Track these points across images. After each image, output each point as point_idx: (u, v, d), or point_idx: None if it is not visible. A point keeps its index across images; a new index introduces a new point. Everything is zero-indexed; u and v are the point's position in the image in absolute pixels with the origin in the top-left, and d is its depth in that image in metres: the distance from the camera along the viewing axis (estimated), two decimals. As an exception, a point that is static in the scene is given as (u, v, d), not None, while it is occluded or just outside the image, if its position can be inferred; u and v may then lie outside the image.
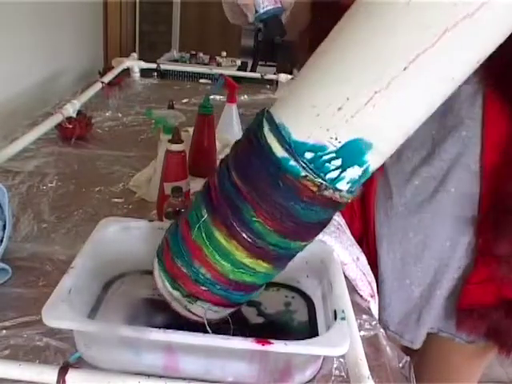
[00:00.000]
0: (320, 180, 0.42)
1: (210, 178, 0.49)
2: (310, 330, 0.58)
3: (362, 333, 0.61)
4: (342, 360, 0.55)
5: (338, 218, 0.75)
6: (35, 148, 1.10)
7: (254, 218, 0.44)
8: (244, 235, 0.45)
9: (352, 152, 0.41)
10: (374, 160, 0.42)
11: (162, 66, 2.03)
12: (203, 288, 0.49)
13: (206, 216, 0.47)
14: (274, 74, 2.02)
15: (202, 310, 0.50)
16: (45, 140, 1.15)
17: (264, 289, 0.65)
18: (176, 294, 0.50)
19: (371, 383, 0.48)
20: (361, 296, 0.70)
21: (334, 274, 0.59)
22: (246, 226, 0.45)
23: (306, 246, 0.49)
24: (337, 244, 0.66)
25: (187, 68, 2.16)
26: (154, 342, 0.48)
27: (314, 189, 0.42)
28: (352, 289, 0.68)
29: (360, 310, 0.66)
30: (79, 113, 1.26)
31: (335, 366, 0.55)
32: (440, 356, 0.80)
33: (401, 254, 0.75)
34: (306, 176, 0.42)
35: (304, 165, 0.42)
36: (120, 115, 1.42)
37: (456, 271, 0.72)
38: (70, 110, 1.23)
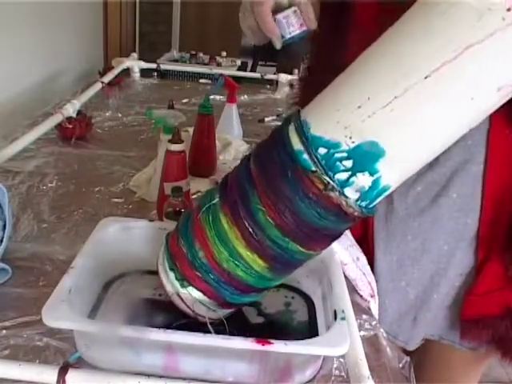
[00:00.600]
0: (328, 178, 0.42)
1: (232, 170, 0.51)
2: (309, 330, 0.58)
3: (362, 333, 0.61)
4: (341, 360, 0.55)
5: None
6: (35, 148, 1.10)
7: (259, 206, 0.45)
8: (246, 223, 0.46)
9: (364, 155, 0.41)
10: (385, 171, 0.42)
11: (162, 66, 2.03)
12: (197, 273, 0.49)
13: (217, 199, 0.48)
14: (274, 73, 2.02)
15: (192, 300, 0.50)
16: (45, 140, 1.15)
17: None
18: (171, 275, 0.51)
19: (371, 383, 0.48)
20: (361, 296, 0.70)
21: (334, 273, 0.59)
22: (249, 214, 0.46)
23: (305, 255, 0.48)
24: (336, 244, 0.66)
25: (187, 68, 2.16)
26: (154, 342, 0.48)
27: (321, 186, 0.43)
28: (352, 289, 0.68)
29: (360, 309, 0.66)
30: (79, 113, 1.26)
31: (335, 365, 0.55)
32: (440, 359, 0.80)
33: (398, 256, 0.75)
34: (316, 171, 0.42)
35: (316, 160, 0.42)
36: (120, 115, 1.42)
37: (457, 279, 0.72)
38: (70, 110, 1.23)
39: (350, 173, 0.42)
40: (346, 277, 0.65)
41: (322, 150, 0.42)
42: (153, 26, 3.39)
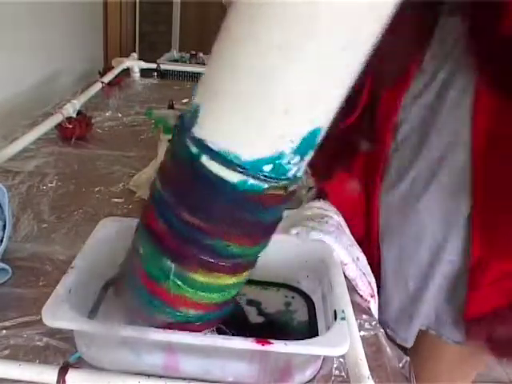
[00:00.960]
0: (284, 182, 0.41)
1: (148, 221, 0.46)
2: (310, 330, 0.58)
3: (362, 333, 0.61)
4: (341, 360, 0.55)
5: (338, 218, 0.75)
6: (35, 148, 1.10)
7: (228, 245, 0.43)
8: (223, 264, 0.44)
9: (308, 143, 0.40)
10: (322, 136, 0.41)
11: (162, 66, 2.03)
12: (197, 324, 0.48)
13: (173, 267, 0.44)
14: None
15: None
16: (45, 140, 1.15)
17: (264, 289, 0.65)
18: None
19: (371, 383, 0.48)
20: (361, 296, 0.70)
21: (334, 274, 0.59)
22: (222, 256, 0.43)
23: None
24: (336, 244, 0.66)
25: (187, 68, 2.16)
26: (154, 342, 0.48)
27: (281, 192, 0.41)
28: (352, 289, 0.69)
29: (360, 309, 0.66)
30: (79, 113, 1.26)
31: (335, 365, 0.55)
32: (431, 355, 0.80)
33: (399, 251, 0.75)
34: (270, 187, 0.40)
35: (265, 178, 0.39)
36: (120, 115, 1.42)
37: (450, 268, 0.71)
38: (70, 109, 1.23)
39: (299, 163, 0.41)
40: (345, 277, 0.65)
41: (267, 167, 0.39)
42: (153, 26, 3.38)
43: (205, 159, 0.40)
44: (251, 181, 0.39)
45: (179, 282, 0.45)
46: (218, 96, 0.39)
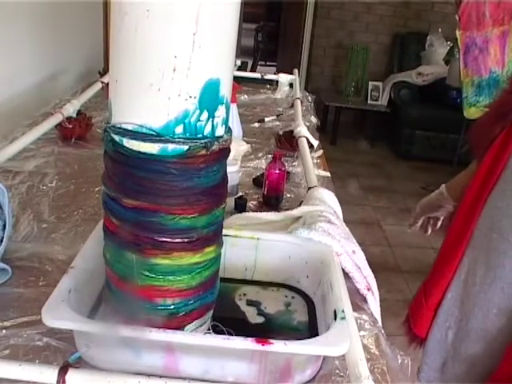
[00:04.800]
0: (202, 141, 0.43)
1: (106, 225, 0.50)
2: (310, 330, 0.58)
3: (362, 333, 0.61)
4: (341, 360, 0.55)
5: (331, 211, 0.75)
6: (35, 148, 1.10)
7: (174, 218, 0.45)
8: (178, 241, 0.46)
9: (209, 96, 0.42)
10: (227, 91, 0.44)
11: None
12: (183, 315, 0.49)
13: (134, 257, 0.46)
14: (274, 73, 2.02)
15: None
16: (45, 140, 1.15)
17: (264, 289, 0.65)
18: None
19: (371, 383, 0.48)
20: (358, 289, 0.70)
21: (334, 274, 0.59)
22: (173, 233, 0.45)
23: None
24: (324, 236, 0.66)
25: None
26: (154, 342, 0.48)
27: (203, 152, 0.43)
28: (354, 291, 0.68)
29: (360, 309, 0.66)
30: (79, 113, 1.26)
31: (335, 365, 0.55)
32: None
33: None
34: (190, 148, 0.43)
35: (181, 140, 0.42)
36: (120, 115, 1.41)
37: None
38: (70, 109, 1.23)
39: (210, 119, 0.43)
40: (342, 269, 0.65)
41: (178, 129, 0.42)
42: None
43: (126, 142, 0.43)
44: (170, 146, 0.42)
45: (145, 272, 0.46)
46: (120, 84, 0.43)
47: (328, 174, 1.10)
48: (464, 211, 0.73)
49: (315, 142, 1.24)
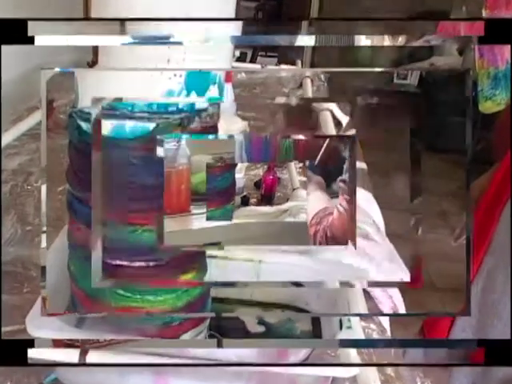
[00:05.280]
0: (175, 116, 0.38)
1: (71, 234, 0.46)
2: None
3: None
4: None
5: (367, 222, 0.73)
6: (19, 144, 1.10)
7: (137, 231, 0.39)
8: (140, 264, 0.41)
9: (198, 74, 0.39)
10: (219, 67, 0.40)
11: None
12: (177, 324, 0.48)
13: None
14: (276, 65, 2.02)
15: None
16: (29, 136, 1.14)
17: (265, 310, 0.64)
18: None
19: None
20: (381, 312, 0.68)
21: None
22: (132, 251, 0.40)
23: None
24: (358, 258, 0.60)
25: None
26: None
27: (179, 131, 0.38)
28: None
29: (368, 318, 0.66)
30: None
31: None
32: None
33: None
34: (157, 125, 0.37)
35: (145, 114, 0.37)
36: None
37: None
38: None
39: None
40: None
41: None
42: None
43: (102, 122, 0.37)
44: (128, 124, 0.36)
45: (119, 291, 0.40)
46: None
47: (364, 166, 0.99)
48: (480, 217, 0.73)
49: (345, 119, 0.95)
